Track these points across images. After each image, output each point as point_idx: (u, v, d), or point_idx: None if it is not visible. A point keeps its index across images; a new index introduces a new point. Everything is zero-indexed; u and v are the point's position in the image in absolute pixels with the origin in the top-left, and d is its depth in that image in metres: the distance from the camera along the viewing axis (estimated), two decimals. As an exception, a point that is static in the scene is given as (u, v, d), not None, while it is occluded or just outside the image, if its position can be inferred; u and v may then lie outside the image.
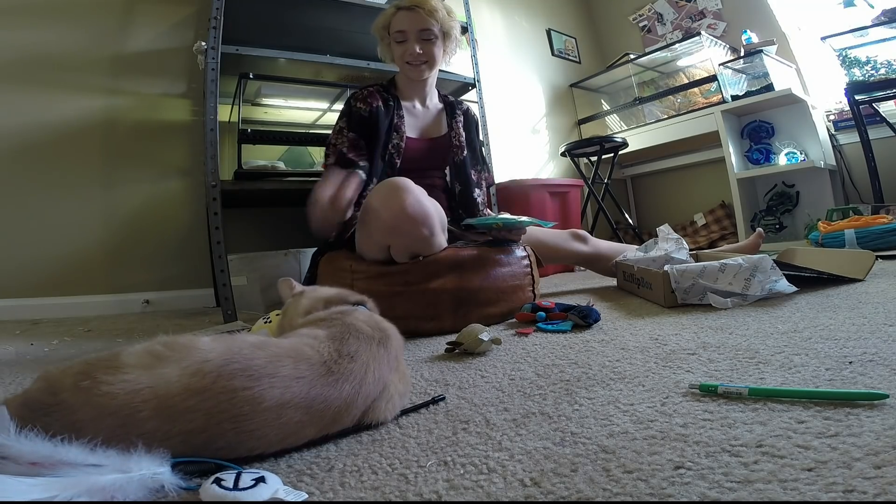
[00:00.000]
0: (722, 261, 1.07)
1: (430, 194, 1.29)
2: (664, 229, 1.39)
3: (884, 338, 0.66)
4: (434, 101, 1.47)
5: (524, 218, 1.19)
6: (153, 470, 0.38)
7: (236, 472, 0.39)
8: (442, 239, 1.12)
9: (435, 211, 1.10)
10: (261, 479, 0.38)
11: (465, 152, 1.45)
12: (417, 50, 1.31)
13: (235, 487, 0.37)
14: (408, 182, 1.07)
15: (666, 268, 1.10)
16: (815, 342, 0.68)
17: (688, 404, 0.50)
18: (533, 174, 3.13)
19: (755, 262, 1.05)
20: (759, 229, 1.59)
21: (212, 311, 1.82)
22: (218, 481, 0.37)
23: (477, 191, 1.46)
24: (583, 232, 1.58)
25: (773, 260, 1.08)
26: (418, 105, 1.43)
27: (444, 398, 0.61)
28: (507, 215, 1.22)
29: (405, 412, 0.57)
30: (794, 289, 1.05)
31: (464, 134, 1.47)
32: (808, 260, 1.30)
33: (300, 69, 2.00)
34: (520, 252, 1.21)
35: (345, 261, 1.14)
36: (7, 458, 0.35)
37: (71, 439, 0.37)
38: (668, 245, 1.34)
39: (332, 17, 2.03)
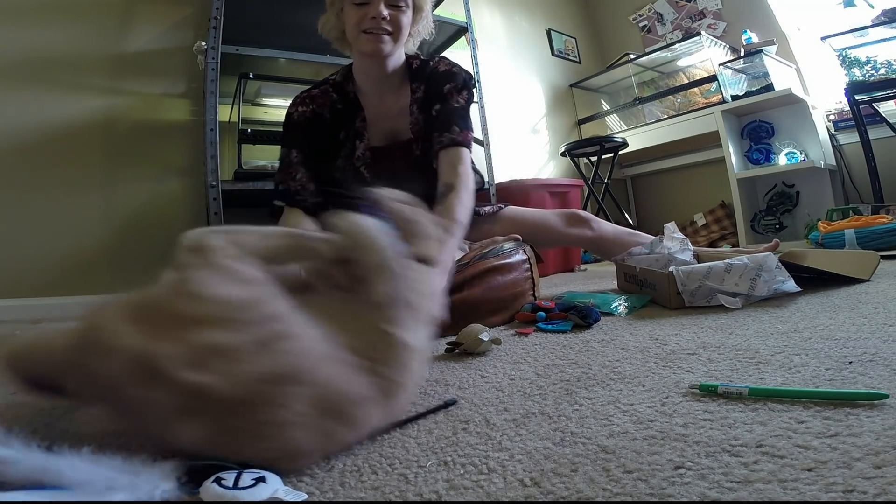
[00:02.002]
0: (727, 260, 1.06)
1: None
2: (670, 227, 1.38)
3: (884, 338, 0.66)
4: (402, 90, 1.16)
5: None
6: (161, 487, 0.37)
7: (237, 471, 0.39)
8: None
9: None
10: (261, 479, 0.38)
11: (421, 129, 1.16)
12: (384, 13, 1.01)
13: (235, 486, 0.37)
14: None
15: (671, 269, 1.09)
16: (815, 342, 0.68)
17: (688, 404, 0.50)
18: (533, 174, 3.13)
19: (760, 260, 1.04)
20: (776, 240, 1.54)
21: (212, 311, 1.81)
22: (218, 480, 0.37)
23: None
24: (584, 214, 1.42)
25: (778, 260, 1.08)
26: (382, 97, 1.14)
27: (455, 402, 0.59)
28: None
29: (415, 418, 0.55)
30: (799, 289, 1.05)
31: (421, 118, 1.14)
32: (811, 260, 1.29)
33: (300, 69, 2.01)
34: (520, 256, 1.20)
35: None
36: (7, 474, 0.34)
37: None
38: (673, 244, 1.33)
39: (332, 17, 2.03)
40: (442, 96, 1.11)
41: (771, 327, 0.80)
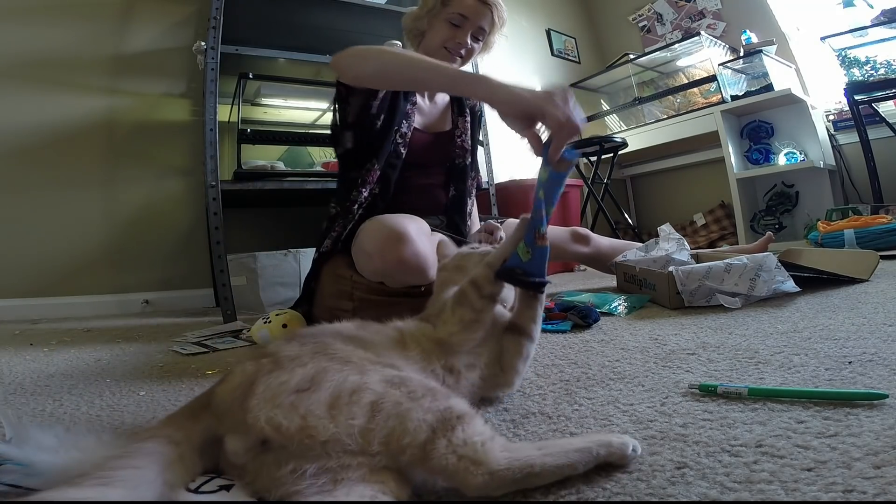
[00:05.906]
0: (727, 260, 1.06)
1: (430, 193, 1.28)
2: (665, 229, 1.38)
3: (883, 338, 0.66)
4: (442, 96, 1.43)
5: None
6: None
7: (208, 478, 0.37)
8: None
9: (432, 253, 1.03)
10: (226, 487, 0.37)
11: (468, 158, 1.39)
12: (469, 42, 1.26)
13: (197, 491, 0.36)
14: (406, 228, 1.00)
15: (671, 269, 1.09)
16: (814, 342, 0.68)
17: (687, 404, 0.50)
18: (533, 174, 3.13)
19: (760, 260, 1.04)
20: (770, 233, 1.56)
21: (211, 311, 1.82)
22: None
23: (468, 199, 1.41)
24: (584, 231, 1.55)
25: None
26: (427, 98, 1.38)
27: None
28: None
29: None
30: (798, 289, 1.05)
31: (469, 132, 1.42)
32: (811, 260, 1.29)
33: (300, 69, 2.01)
34: None
35: (345, 269, 1.12)
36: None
37: None
38: (670, 245, 1.33)
39: (331, 17, 2.04)
40: (475, 138, 1.45)
41: (770, 327, 0.80)
